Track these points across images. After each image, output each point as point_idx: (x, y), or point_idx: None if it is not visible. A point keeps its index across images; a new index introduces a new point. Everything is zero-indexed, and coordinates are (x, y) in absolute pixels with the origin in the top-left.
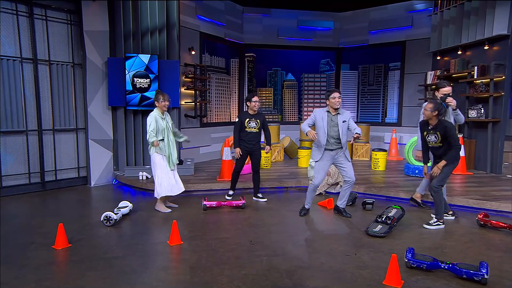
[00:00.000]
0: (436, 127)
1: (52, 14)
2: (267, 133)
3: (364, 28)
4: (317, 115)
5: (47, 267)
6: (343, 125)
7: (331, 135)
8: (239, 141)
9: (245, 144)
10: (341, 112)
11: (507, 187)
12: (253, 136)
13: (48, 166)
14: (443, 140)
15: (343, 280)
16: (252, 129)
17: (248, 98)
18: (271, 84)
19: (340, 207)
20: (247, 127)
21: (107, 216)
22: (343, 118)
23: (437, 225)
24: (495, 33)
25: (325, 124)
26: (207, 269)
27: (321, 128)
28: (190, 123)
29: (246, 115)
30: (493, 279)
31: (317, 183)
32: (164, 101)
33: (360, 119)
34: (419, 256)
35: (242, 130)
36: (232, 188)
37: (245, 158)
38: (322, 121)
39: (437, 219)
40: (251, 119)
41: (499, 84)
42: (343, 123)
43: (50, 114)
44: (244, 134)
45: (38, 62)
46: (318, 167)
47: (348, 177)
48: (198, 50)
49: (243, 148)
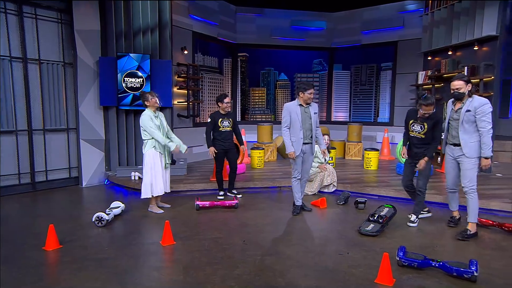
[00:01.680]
0: (426, 118)
1: (42, 12)
2: (238, 132)
3: (357, 28)
4: (291, 110)
5: (37, 268)
6: (314, 116)
7: (305, 127)
8: (213, 140)
9: (221, 143)
10: (311, 104)
11: (497, 185)
12: (228, 135)
13: (38, 167)
14: (428, 132)
15: (336, 279)
16: (226, 128)
17: (220, 99)
18: (264, 84)
19: (298, 204)
20: (221, 126)
21: (98, 217)
22: (314, 110)
23: (424, 216)
24: (484, 34)
25: (299, 117)
26: (200, 269)
27: (297, 122)
28: (183, 123)
29: (218, 115)
30: (483, 277)
31: (298, 176)
32: (153, 97)
33: (352, 119)
34: (411, 254)
35: (215, 129)
36: (221, 189)
37: (223, 157)
38: (297, 115)
39: (416, 216)
40: (224, 119)
41: (488, 84)
42: (314, 114)
43: (40, 114)
44: (218, 134)
45: (28, 61)
46: (298, 161)
47: (305, 173)
48: (190, 50)
49: (219, 147)
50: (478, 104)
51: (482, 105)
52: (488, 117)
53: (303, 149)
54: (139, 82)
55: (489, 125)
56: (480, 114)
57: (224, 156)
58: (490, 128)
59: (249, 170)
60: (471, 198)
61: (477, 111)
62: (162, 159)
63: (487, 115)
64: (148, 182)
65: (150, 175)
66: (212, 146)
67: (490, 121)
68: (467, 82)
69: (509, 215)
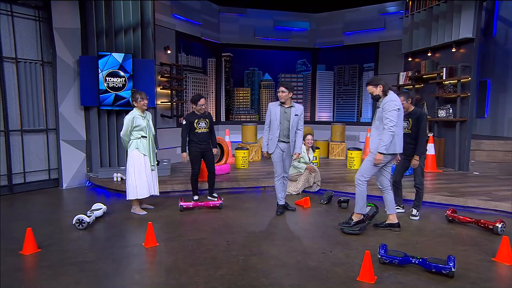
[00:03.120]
0: (410, 114)
1: (18, 9)
2: (213, 134)
3: (339, 29)
4: (272, 109)
5: (14, 274)
6: (295, 118)
7: (283, 127)
8: (189, 143)
9: (197, 146)
10: (295, 106)
11: (473, 183)
12: (204, 136)
13: (16, 168)
14: (413, 127)
15: (319, 278)
16: (203, 129)
17: (194, 100)
18: (248, 84)
19: (281, 204)
20: (197, 127)
21: (79, 219)
22: (296, 112)
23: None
24: (461, 36)
25: (278, 116)
26: (182, 270)
27: (275, 121)
28: (166, 123)
29: (194, 115)
30: (460, 272)
31: (280, 174)
32: (143, 99)
33: (336, 119)
34: (392, 252)
35: (191, 131)
36: (195, 193)
37: (199, 160)
38: (276, 114)
39: (417, 210)
40: (200, 119)
41: (465, 85)
42: (295, 116)
43: (17, 114)
44: (194, 136)
45: (4, 59)
46: (276, 159)
47: (284, 172)
48: (174, 49)
49: (195, 150)
50: (384, 102)
51: (386, 102)
52: (390, 115)
53: (281, 148)
54: (121, 82)
55: (390, 122)
56: (384, 111)
57: (201, 158)
58: (391, 126)
59: (233, 171)
60: (356, 189)
61: (383, 108)
62: (146, 161)
63: (389, 112)
64: (132, 184)
65: (133, 177)
66: (185, 151)
67: (392, 119)
68: (376, 85)
69: (484, 212)
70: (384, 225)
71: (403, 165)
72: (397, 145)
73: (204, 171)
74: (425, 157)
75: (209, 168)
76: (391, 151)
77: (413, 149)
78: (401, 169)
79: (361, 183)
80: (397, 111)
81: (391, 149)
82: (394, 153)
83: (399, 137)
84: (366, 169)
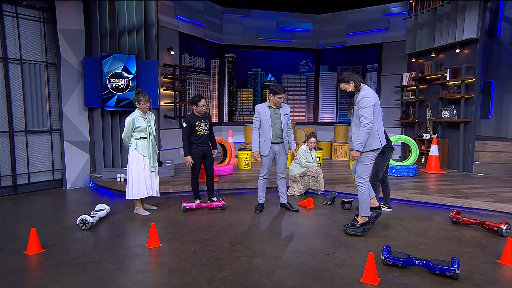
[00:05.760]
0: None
1: (23, 11)
2: (213, 135)
3: (342, 30)
4: (261, 111)
5: (18, 274)
6: (285, 117)
7: (275, 127)
8: (190, 146)
9: (198, 148)
10: (283, 106)
11: (478, 185)
12: (206, 138)
13: (20, 169)
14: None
15: (322, 279)
16: (204, 131)
17: (195, 101)
18: (251, 85)
19: (283, 203)
20: (199, 129)
21: (83, 220)
22: (285, 111)
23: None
24: (465, 37)
25: (268, 118)
26: (186, 271)
27: (266, 123)
28: (169, 124)
29: (194, 117)
30: (464, 274)
31: (266, 174)
32: (145, 102)
33: (339, 120)
34: (395, 253)
35: (192, 133)
36: (197, 196)
37: (200, 162)
38: (266, 116)
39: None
40: (201, 121)
41: (470, 85)
42: (285, 115)
43: (22, 115)
44: (196, 138)
45: (9, 61)
46: (266, 161)
47: (280, 172)
48: (177, 50)
49: (196, 152)
50: (359, 98)
51: (361, 98)
52: (366, 111)
53: (274, 149)
54: (125, 83)
55: (365, 120)
56: (360, 108)
57: (202, 161)
58: (367, 123)
59: (236, 171)
60: (358, 192)
61: (358, 105)
62: (145, 162)
63: (364, 108)
64: (130, 184)
65: (131, 177)
66: (189, 154)
67: (368, 116)
68: (347, 82)
69: (489, 213)
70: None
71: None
72: (380, 139)
73: (203, 173)
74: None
75: (208, 171)
76: (374, 146)
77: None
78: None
79: (362, 185)
80: (373, 106)
81: (375, 144)
82: (378, 147)
83: (381, 131)
84: (361, 170)
